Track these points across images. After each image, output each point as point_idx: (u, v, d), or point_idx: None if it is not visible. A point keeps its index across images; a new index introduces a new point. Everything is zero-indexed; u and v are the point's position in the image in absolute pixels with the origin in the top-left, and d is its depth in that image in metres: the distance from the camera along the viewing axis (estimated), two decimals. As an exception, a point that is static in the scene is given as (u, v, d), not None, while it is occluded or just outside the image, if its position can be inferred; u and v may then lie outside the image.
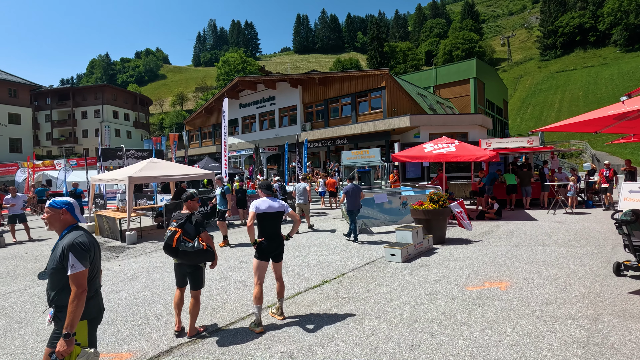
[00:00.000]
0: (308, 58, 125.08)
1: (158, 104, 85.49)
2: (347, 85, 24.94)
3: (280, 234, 4.32)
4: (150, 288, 5.58)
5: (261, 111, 30.55)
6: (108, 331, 4.08)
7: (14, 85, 40.05)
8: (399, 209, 9.93)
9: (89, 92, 52.15)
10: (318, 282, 5.56)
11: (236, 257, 7.40)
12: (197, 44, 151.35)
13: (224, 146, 11.50)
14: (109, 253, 8.22)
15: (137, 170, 9.98)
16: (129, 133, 53.54)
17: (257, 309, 4.00)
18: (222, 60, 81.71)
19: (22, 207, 10.56)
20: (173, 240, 3.65)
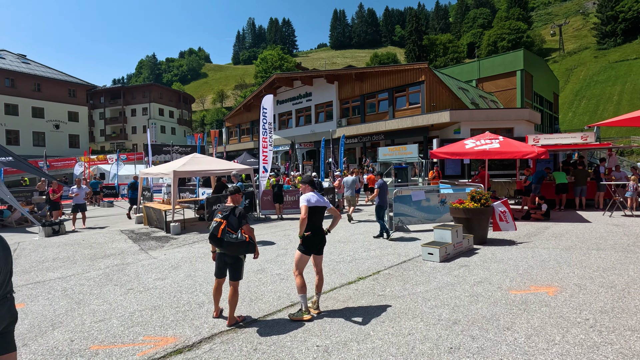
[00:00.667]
0: (344, 54, 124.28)
1: (200, 102, 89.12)
2: (384, 80, 24.50)
3: (323, 228, 4.41)
4: (193, 277, 5.86)
5: (297, 107, 30.86)
6: (155, 316, 4.34)
7: (73, 85, 43.50)
8: (437, 207, 9.64)
9: (138, 91, 55.43)
10: (353, 279, 5.55)
11: (272, 250, 7.57)
12: (237, 42, 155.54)
13: (262, 142, 11.74)
14: (156, 242, 8.73)
15: (181, 164, 10.47)
16: (173, 129, 56.35)
17: (302, 297, 4.14)
18: (260, 57, 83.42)
19: (84, 198, 11.49)
20: (218, 231, 3.81)
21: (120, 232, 10.38)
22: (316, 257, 4.43)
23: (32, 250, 8.27)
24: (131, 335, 3.86)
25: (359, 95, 26.13)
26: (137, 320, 4.22)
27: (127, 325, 4.11)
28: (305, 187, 4.49)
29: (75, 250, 8.09)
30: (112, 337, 3.82)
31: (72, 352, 3.51)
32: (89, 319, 4.30)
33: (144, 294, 5.13)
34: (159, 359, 3.35)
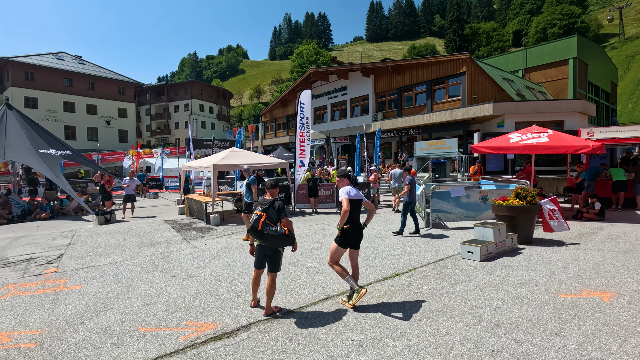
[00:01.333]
0: (380, 46, 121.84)
1: (238, 98, 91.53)
2: (423, 73, 23.74)
3: (361, 222, 4.43)
4: (231, 267, 6.06)
5: (333, 101, 30.76)
6: (196, 302, 4.55)
7: (122, 83, 46.34)
8: (477, 204, 9.23)
9: (180, 88, 57.93)
10: (389, 275, 5.47)
11: (307, 243, 7.64)
12: (273, 38, 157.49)
13: (299, 136, 11.84)
14: (197, 233, 9.13)
15: (221, 158, 10.84)
16: (212, 125, 58.41)
17: (348, 280, 4.21)
18: (295, 52, 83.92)
19: (134, 189, 12.27)
20: (259, 223, 3.91)
21: (164, 222, 10.96)
22: (352, 251, 4.46)
23: (87, 237, 8.96)
24: (175, 319, 4.07)
25: (395, 89, 25.56)
26: (180, 306, 4.44)
27: (171, 310, 4.33)
28: (342, 180, 4.52)
29: (124, 238, 8.66)
30: (157, 320, 4.06)
31: (122, 332, 3.77)
32: (137, 302, 4.59)
33: (186, 281, 5.39)
34: (200, 343, 3.51)
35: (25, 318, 4.19)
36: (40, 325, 3.98)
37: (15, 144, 12.16)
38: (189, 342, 3.53)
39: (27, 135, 12.55)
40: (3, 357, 3.34)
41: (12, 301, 4.73)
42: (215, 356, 3.26)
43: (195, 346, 3.46)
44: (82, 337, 3.69)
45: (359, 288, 4.20)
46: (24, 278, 5.72)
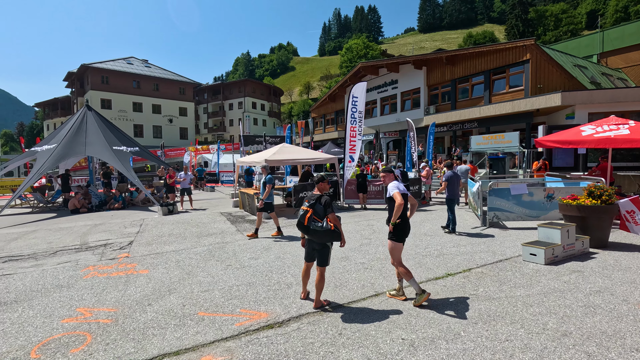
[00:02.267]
0: (434, 36, 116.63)
1: (288, 94, 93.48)
2: (480, 62, 22.32)
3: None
4: (282, 259, 6.24)
5: (383, 96, 30.16)
6: (249, 291, 4.75)
7: (183, 84, 49.62)
8: (541, 202, 8.51)
9: (234, 86, 60.58)
10: (441, 274, 5.26)
11: (356, 239, 7.61)
12: (323, 34, 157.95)
13: (350, 131, 11.78)
14: (249, 225, 9.52)
15: (272, 154, 11.16)
16: (264, 121, 60.37)
17: (412, 282, 4.16)
18: (345, 47, 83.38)
19: (189, 183, 13.14)
20: (305, 219, 3.97)
21: (220, 214, 11.58)
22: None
23: (153, 226, 9.76)
24: (230, 306, 4.29)
25: (449, 80, 24.36)
26: (235, 294, 4.67)
27: (226, 297, 4.58)
28: (388, 175, 4.47)
29: (185, 228, 9.30)
30: (214, 306, 4.31)
31: (184, 315, 4.07)
32: (196, 288, 4.91)
33: (240, 270, 5.66)
34: (253, 331, 3.67)
35: (103, 297, 4.69)
36: (115, 304, 4.44)
37: (93, 141, 13.60)
38: (243, 329, 3.70)
39: (103, 134, 13.96)
40: (86, 329, 3.77)
41: (92, 281, 5.32)
42: (267, 344, 3.39)
43: (249, 333, 3.62)
44: (149, 317, 4.04)
45: (421, 292, 4.15)
46: (102, 261, 6.40)
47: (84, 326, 3.85)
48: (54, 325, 3.89)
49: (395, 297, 4.37)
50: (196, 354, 3.25)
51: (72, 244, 7.75)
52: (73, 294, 4.79)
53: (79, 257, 6.71)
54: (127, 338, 3.56)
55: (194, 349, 3.34)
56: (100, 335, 3.62)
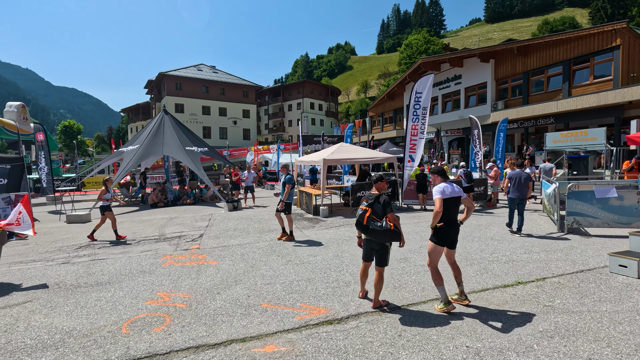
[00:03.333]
0: (503, 26, 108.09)
1: (345, 94, 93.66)
2: (558, 51, 20.21)
3: (457, 220, 4.19)
4: (340, 257, 6.31)
5: (445, 92, 28.80)
6: (309, 287, 4.89)
7: (246, 87, 52.36)
8: (634, 208, 7.48)
9: (293, 88, 62.31)
10: (510, 282, 4.91)
11: (416, 241, 7.40)
12: (381, 31, 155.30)
13: (411, 129, 11.47)
14: (308, 223, 9.76)
15: (330, 153, 11.31)
16: (321, 121, 61.22)
17: (441, 290, 4.03)
18: (404, 44, 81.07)
19: (252, 181, 13.85)
20: (364, 218, 3.97)
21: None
22: (449, 251, 4.26)
23: (220, 221, 10.47)
24: (291, 300, 4.46)
25: (521, 73, 22.45)
26: (295, 288, 4.85)
27: (287, 291, 4.77)
28: (436, 177, 4.31)
29: (248, 224, 9.83)
30: (276, 299, 4.51)
31: (249, 305, 4.32)
32: (260, 281, 5.18)
33: (299, 266, 5.84)
34: (313, 325, 3.78)
35: (179, 283, 5.17)
36: (189, 291, 4.86)
37: (169, 142, 14.98)
38: (304, 323, 3.83)
39: (178, 135, 15.30)
40: (165, 312, 4.20)
41: (169, 269, 5.89)
42: (327, 339, 3.47)
43: (309, 327, 3.74)
44: (218, 304, 4.37)
45: (447, 302, 4.01)
46: (177, 251, 7.05)
47: (164, 308, 4.29)
48: (139, 305, 4.39)
49: (458, 302, 4.19)
50: (260, 342, 3.44)
51: (152, 235, 8.64)
52: (154, 279, 5.35)
53: (158, 246, 7.47)
54: (200, 322, 3.89)
55: (258, 338, 3.54)
56: (177, 318, 4.01)
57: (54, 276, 5.61)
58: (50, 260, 6.54)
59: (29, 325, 3.90)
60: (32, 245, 7.88)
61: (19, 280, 5.45)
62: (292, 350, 3.28)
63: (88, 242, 8.03)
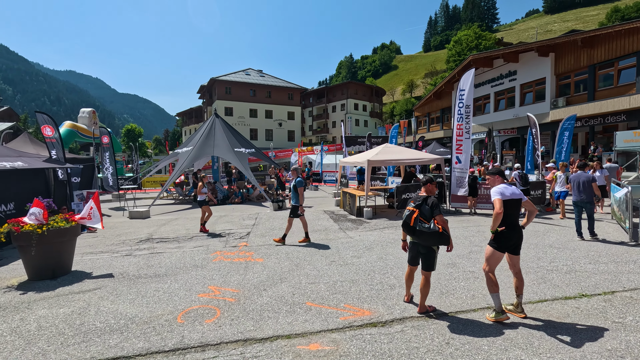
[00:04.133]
0: (564, 16, 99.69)
1: (390, 94, 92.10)
2: (631, 42, 18.21)
3: (519, 224, 3.94)
4: (384, 260, 6.22)
5: (497, 89, 27.22)
6: (353, 288, 4.88)
7: (291, 90, 53.47)
8: None
9: (337, 89, 62.49)
10: (572, 294, 4.52)
11: (465, 246, 7.08)
12: (428, 29, 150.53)
13: (456, 129, 11.03)
14: (351, 224, 9.73)
15: (374, 154, 11.18)
16: (365, 122, 60.73)
17: (495, 297, 3.84)
18: (453, 40, 77.87)
19: (295, 182, 14.13)
20: (411, 219, 3.89)
21: (323, 212, 12.13)
22: (512, 257, 3.97)
23: (266, 219, 10.80)
24: (335, 300, 4.49)
25: (586, 66, 20.57)
26: (339, 289, 4.86)
27: (331, 291, 4.80)
28: (495, 178, 4.07)
29: (292, 223, 10.01)
30: (320, 298, 4.56)
31: (294, 303, 4.41)
32: (304, 280, 5.27)
33: (343, 267, 5.85)
34: (357, 326, 3.76)
35: (228, 278, 5.42)
36: (237, 286, 5.08)
37: (220, 144, 15.74)
38: (348, 324, 3.83)
39: (227, 137, 16.03)
40: (215, 305, 4.42)
41: (219, 264, 6.20)
42: (371, 341, 3.44)
43: (352, 328, 3.73)
44: (265, 301, 4.51)
45: (500, 311, 3.81)
46: (226, 248, 7.39)
47: (214, 302, 4.52)
48: (193, 298, 4.67)
49: (513, 313, 3.95)
50: (305, 340, 3.50)
51: (203, 232, 9.13)
52: (205, 274, 5.66)
53: (209, 242, 7.88)
54: (248, 317, 4.05)
55: (303, 335, 3.60)
56: (226, 311, 4.21)
57: (119, 267, 6.14)
58: (115, 252, 7.18)
59: (99, 310, 4.31)
60: (100, 238, 8.69)
61: (90, 269, 6.05)
62: (336, 350, 3.30)
63: (192, 235, 8.66)
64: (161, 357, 3.25)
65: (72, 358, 3.25)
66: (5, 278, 5.68)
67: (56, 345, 3.48)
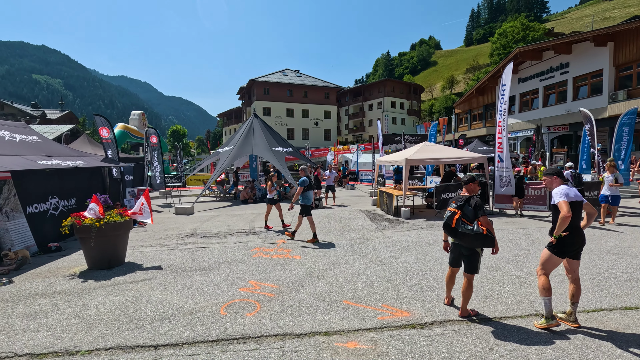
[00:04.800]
0: (625, 2, 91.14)
1: (429, 91, 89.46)
2: None
3: (580, 227, 3.71)
4: (423, 261, 6.08)
5: (547, 83, 25.50)
6: (390, 288, 4.83)
7: (327, 89, 53.59)
8: None
9: (374, 87, 61.75)
10: (633, 304, 4.16)
11: (510, 249, 6.74)
12: (470, 22, 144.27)
13: (498, 126, 10.51)
14: (388, 224, 9.60)
15: (412, 153, 10.94)
16: (402, 120, 59.52)
17: (546, 301, 3.63)
18: (497, 33, 74.02)
19: (332, 181, 14.17)
20: (452, 220, 3.76)
21: (360, 211, 12.07)
22: (572, 262, 3.71)
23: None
24: (372, 300, 4.46)
25: (651, 55, 18.69)
26: (376, 289, 4.83)
27: (369, 290, 4.78)
28: (554, 179, 3.82)
29: (329, 222, 10.08)
30: (358, 297, 4.56)
31: (331, 301, 4.45)
32: (341, 278, 5.29)
33: (380, 267, 5.79)
34: (395, 327, 3.72)
35: (267, 274, 5.57)
36: (276, 282, 5.21)
37: (258, 143, 16.16)
38: (385, 324, 3.80)
39: (265, 137, 16.42)
40: (255, 299, 4.56)
41: (258, 260, 6.38)
42: (410, 342, 3.39)
43: (390, 328, 3.70)
44: (302, 297, 4.59)
45: (551, 317, 3.58)
46: (265, 244, 7.59)
47: (254, 296, 4.67)
48: (234, 291, 4.85)
49: (564, 322, 3.71)
50: (343, 338, 3.52)
51: (243, 228, 9.44)
52: (246, 269, 5.85)
53: (249, 239, 8.13)
54: (286, 312, 4.14)
55: (340, 333, 3.62)
56: (266, 306, 4.33)
57: (166, 259, 6.52)
58: (163, 246, 7.63)
59: (149, 300, 4.62)
60: (149, 232, 9.27)
61: (141, 261, 6.47)
62: (374, 350, 3.29)
63: (233, 231, 9.11)
64: (206, 346, 3.42)
65: (127, 342, 3.51)
66: (69, 267, 6.24)
67: (113, 330, 3.77)
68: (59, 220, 6.94)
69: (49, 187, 8.03)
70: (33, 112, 56.57)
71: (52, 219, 7.85)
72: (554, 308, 4.03)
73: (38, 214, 7.56)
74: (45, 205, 7.84)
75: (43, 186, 7.85)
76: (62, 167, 7.75)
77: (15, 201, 6.96)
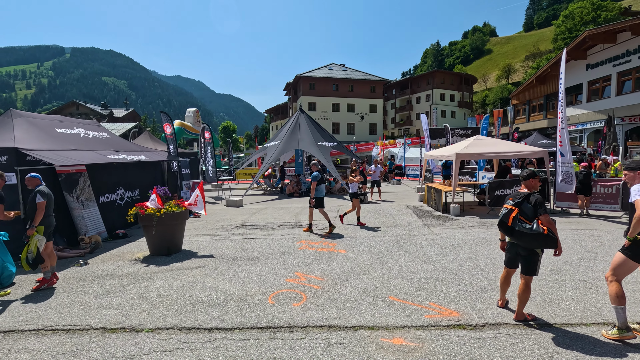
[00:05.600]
0: None
1: (482, 81, 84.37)
2: None
3: None
4: (474, 260, 5.81)
5: (622, 69, 22.86)
6: (438, 287, 4.68)
7: (373, 82, 52.73)
8: None
9: (422, 79, 59.57)
10: None
11: (574, 251, 6.20)
12: (531, 5, 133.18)
13: (558, 118, 9.65)
14: (436, 220, 9.28)
15: (464, 147, 10.43)
16: (452, 113, 56.84)
17: (618, 310, 3.29)
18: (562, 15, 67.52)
19: (378, 175, 13.97)
20: (509, 218, 3.53)
21: (406, 207, 11.79)
22: None
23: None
24: (419, 297, 4.36)
25: None
26: (423, 286, 4.71)
27: (415, 287, 4.67)
28: (636, 174, 3.43)
29: (374, 217, 9.98)
30: (403, 294, 4.48)
31: (376, 296, 4.42)
32: (386, 274, 5.23)
33: (428, 264, 5.63)
34: (443, 327, 3.61)
35: (313, 266, 5.67)
36: (321, 274, 5.28)
37: (304, 137, 16.39)
38: (433, 322, 3.70)
39: (311, 132, 16.60)
40: (302, 290, 4.67)
41: (304, 252, 6.51)
42: (459, 344, 3.27)
43: (438, 327, 3.59)
44: (347, 291, 4.61)
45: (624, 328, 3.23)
46: (310, 237, 7.71)
47: (300, 287, 4.78)
48: (281, 282, 5.01)
49: (635, 331, 3.34)
50: (388, 333, 3.49)
51: (290, 221, 9.67)
52: (292, 260, 6.00)
53: (295, 231, 8.32)
54: (332, 305, 4.19)
55: (386, 328, 3.59)
56: (312, 297, 4.42)
57: (218, 249, 6.89)
58: (215, 236, 8.06)
59: (204, 286, 4.92)
60: (203, 222, 9.84)
61: (196, 249, 6.91)
62: (421, 348, 3.22)
63: (279, 224, 9.51)
64: (255, 332, 3.58)
65: (184, 324, 3.78)
66: (134, 252, 6.84)
67: (172, 312, 4.08)
68: (124, 210, 7.64)
69: (117, 179, 8.84)
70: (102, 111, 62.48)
71: (119, 208, 8.65)
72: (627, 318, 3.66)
73: (108, 204, 8.37)
74: (114, 196, 8.65)
75: (112, 178, 8.66)
76: (127, 160, 8.48)
77: (90, 191, 7.75)
